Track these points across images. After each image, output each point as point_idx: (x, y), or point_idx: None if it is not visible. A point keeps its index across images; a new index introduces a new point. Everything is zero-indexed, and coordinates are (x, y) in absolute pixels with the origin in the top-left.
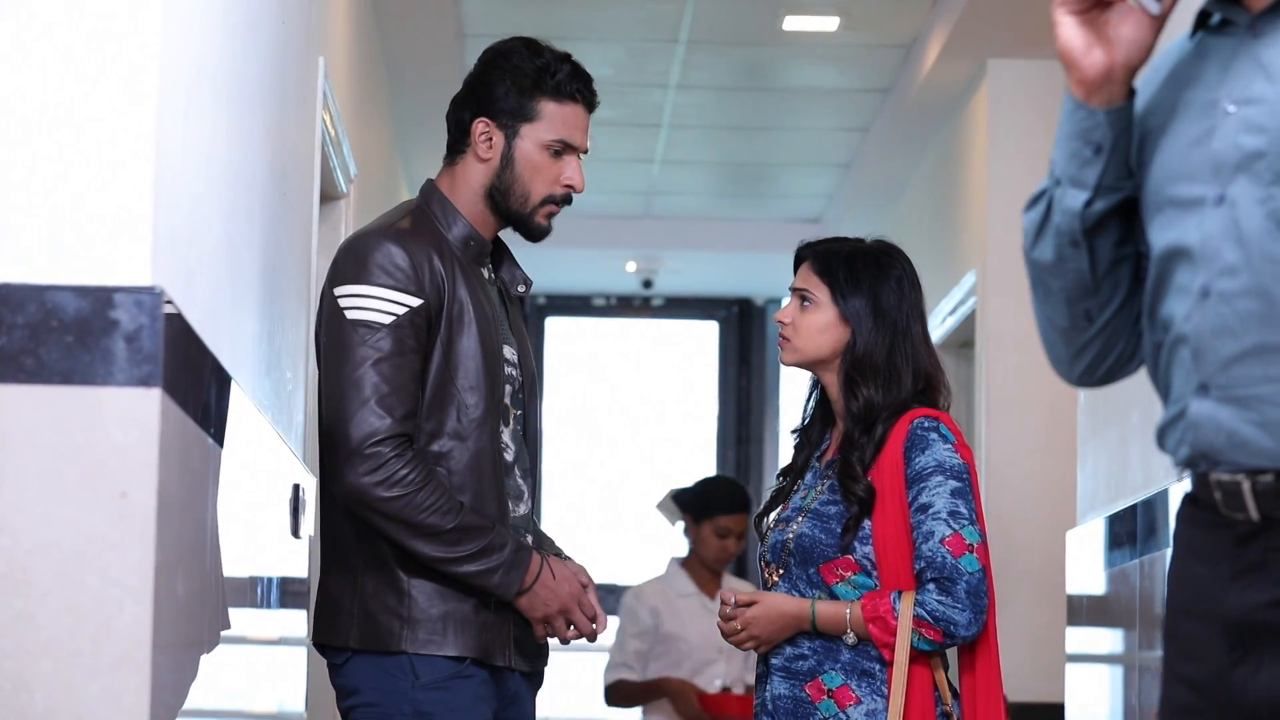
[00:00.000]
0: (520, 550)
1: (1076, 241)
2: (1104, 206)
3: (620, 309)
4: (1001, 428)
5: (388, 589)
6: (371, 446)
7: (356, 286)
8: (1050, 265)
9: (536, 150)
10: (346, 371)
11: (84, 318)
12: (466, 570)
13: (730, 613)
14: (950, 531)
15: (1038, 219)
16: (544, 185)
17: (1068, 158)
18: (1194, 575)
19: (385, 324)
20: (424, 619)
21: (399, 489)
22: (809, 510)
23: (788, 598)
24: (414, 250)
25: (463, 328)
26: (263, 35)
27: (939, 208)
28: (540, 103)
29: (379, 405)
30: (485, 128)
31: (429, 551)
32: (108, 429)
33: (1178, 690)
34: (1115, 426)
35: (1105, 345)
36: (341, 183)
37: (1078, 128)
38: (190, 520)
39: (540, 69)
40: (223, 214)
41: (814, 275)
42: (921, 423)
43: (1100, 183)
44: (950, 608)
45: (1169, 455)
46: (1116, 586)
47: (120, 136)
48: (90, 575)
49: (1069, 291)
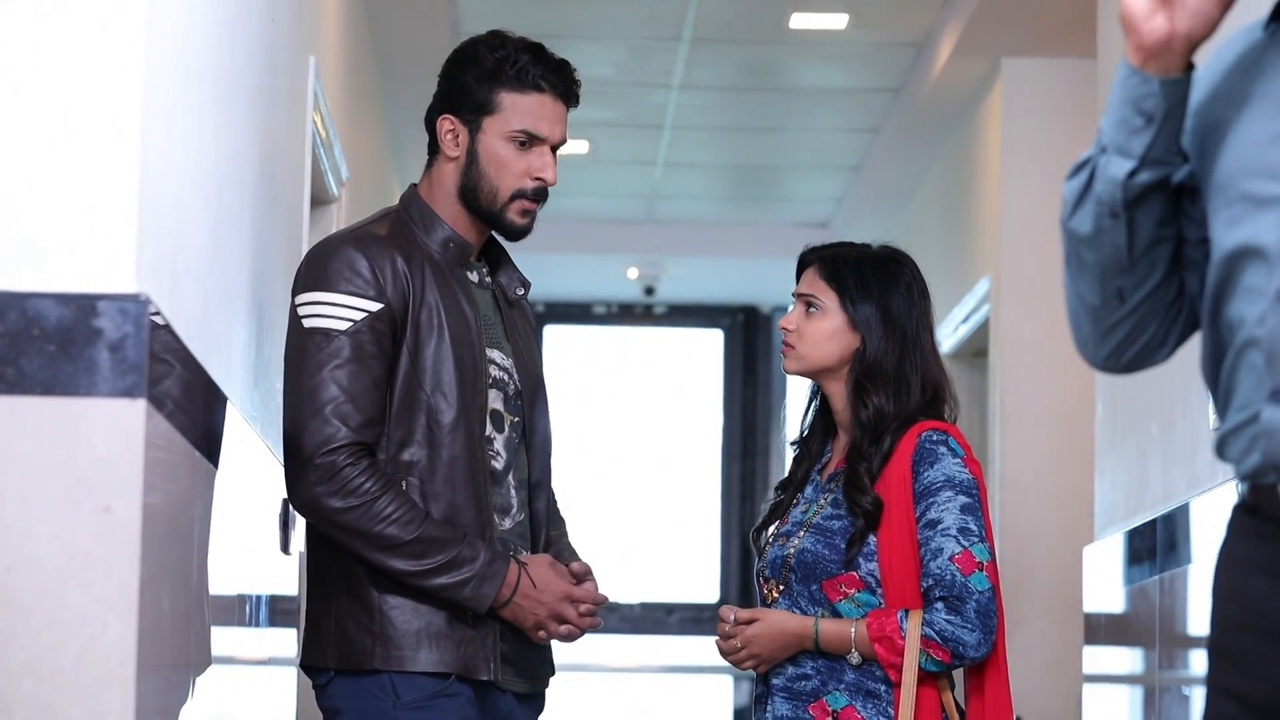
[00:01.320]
0: (494, 561)
1: (1116, 213)
2: (1149, 179)
3: (621, 317)
4: (1016, 440)
5: (360, 606)
6: (323, 456)
7: (313, 293)
8: (1087, 237)
9: (500, 143)
10: (302, 380)
11: (66, 326)
12: (435, 584)
13: (729, 630)
14: (960, 549)
15: (1079, 187)
16: (511, 179)
17: (1116, 125)
18: (1253, 589)
19: (342, 330)
20: (397, 635)
21: (354, 499)
22: (811, 525)
23: (789, 615)
24: (375, 254)
25: (432, 332)
26: (251, 33)
27: (951, 212)
28: (500, 94)
29: (333, 414)
30: (450, 125)
31: (394, 565)
32: (91, 441)
33: (1229, 707)
34: (1134, 438)
35: (1135, 328)
36: (333, 186)
37: (1130, 94)
38: (176, 536)
39: (499, 60)
40: (210, 219)
41: (821, 280)
42: (930, 435)
43: (1148, 154)
44: (959, 627)
45: (1230, 464)
46: (1136, 604)
47: (104, 138)
48: (73, 593)
49: (1103, 266)
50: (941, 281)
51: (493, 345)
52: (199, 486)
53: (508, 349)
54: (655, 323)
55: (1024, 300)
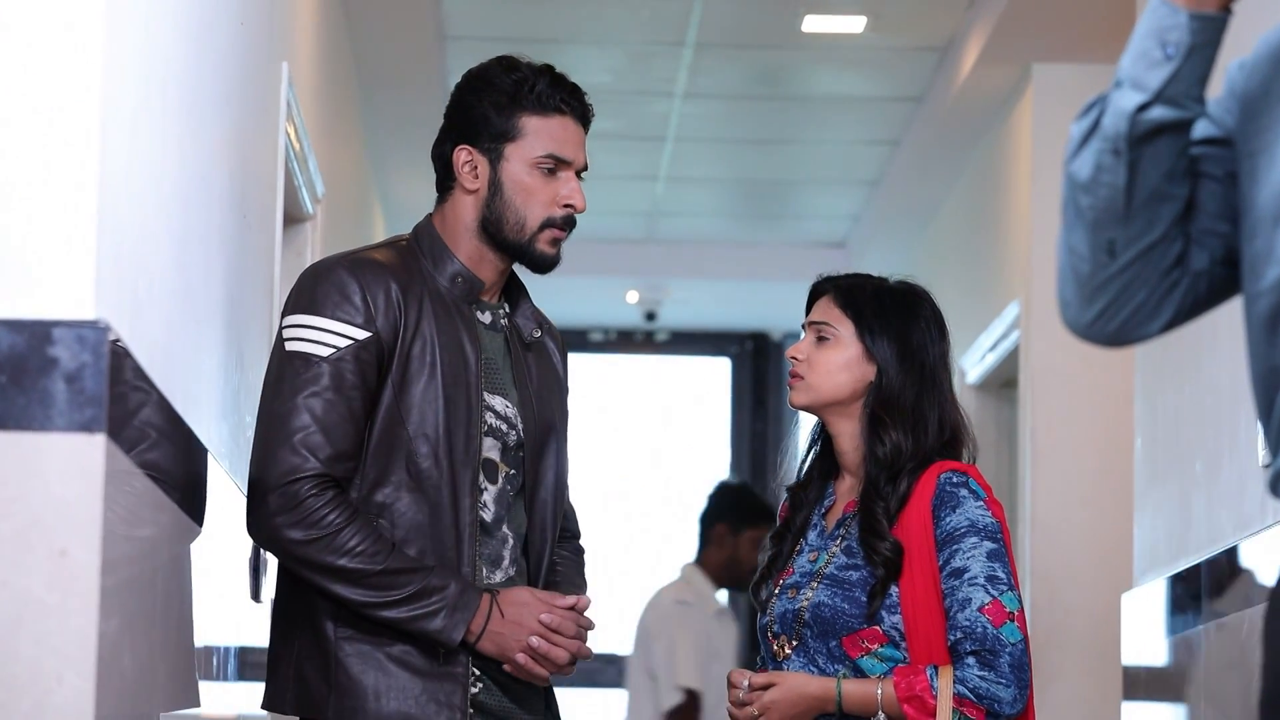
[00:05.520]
0: (466, 592)
1: (1119, 150)
2: (1161, 116)
3: (620, 344)
4: (1048, 477)
5: (318, 650)
6: (287, 486)
7: (301, 316)
8: (1085, 182)
9: (525, 170)
10: (275, 406)
11: (19, 355)
12: (401, 615)
13: (744, 697)
14: (989, 599)
15: (1086, 126)
16: (540, 208)
17: (1135, 57)
18: None
19: (323, 356)
20: (351, 685)
21: (315, 530)
22: (824, 576)
23: (809, 677)
24: (368, 280)
25: (423, 368)
26: (219, 38)
27: (978, 230)
28: (522, 119)
29: (301, 444)
30: (468, 156)
31: (357, 598)
32: (46, 479)
33: None
34: (1176, 476)
35: (1123, 291)
36: (308, 203)
37: (1155, 25)
38: (138, 582)
39: (517, 83)
40: (175, 239)
41: (836, 309)
42: (950, 478)
43: (1163, 90)
44: (994, 684)
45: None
46: (1179, 656)
47: (59, 151)
48: (25, 644)
49: (1097, 212)
50: (967, 306)
51: (495, 391)
52: (163, 529)
53: (514, 396)
54: (657, 351)
55: (1056, 326)
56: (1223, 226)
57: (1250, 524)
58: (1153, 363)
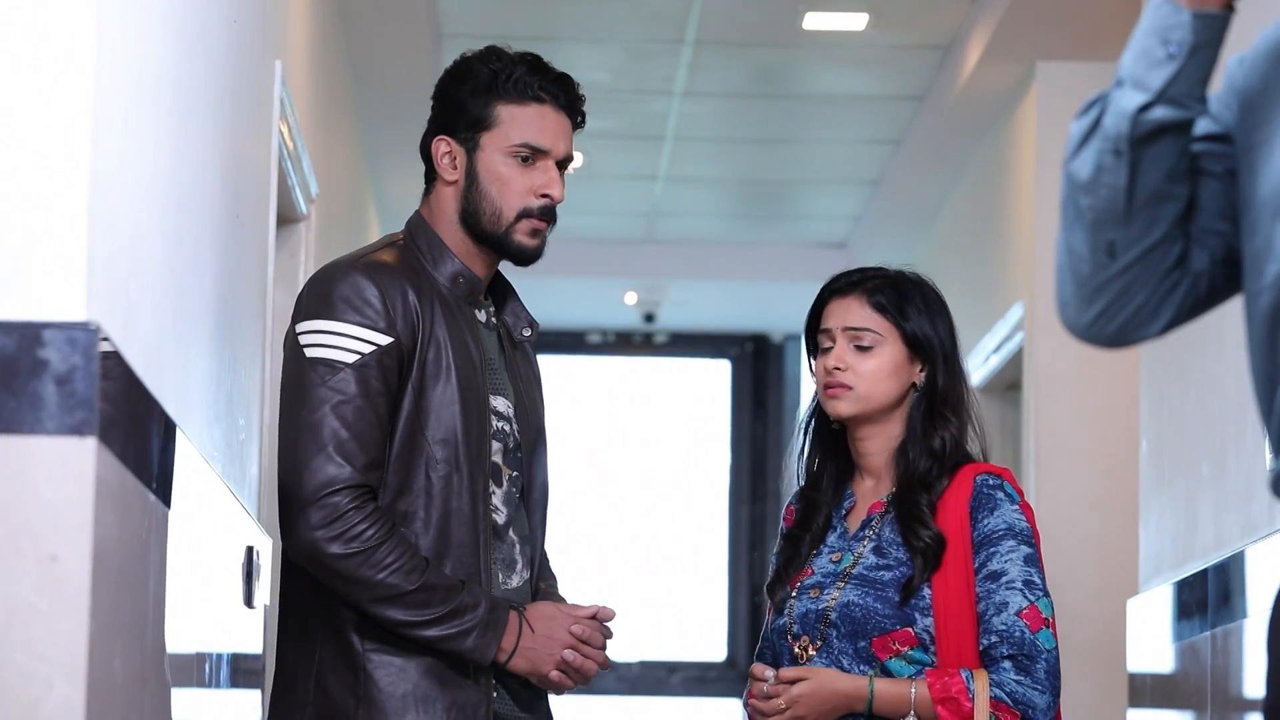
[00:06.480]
0: (496, 610)
1: (1120, 151)
2: (1162, 117)
3: (619, 346)
4: (1052, 481)
5: (344, 662)
6: (327, 497)
7: (318, 322)
8: (1085, 182)
9: (500, 160)
10: (303, 415)
11: (9, 357)
12: (435, 634)
13: (770, 690)
14: (1026, 603)
15: (1087, 125)
16: (516, 198)
17: (1137, 56)
18: None
19: (348, 363)
20: (381, 698)
21: (356, 544)
22: (851, 575)
23: (840, 674)
24: (386, 284)
25: (439, 372)
26: (211, 36)
27: (981, 231)
28: (497, 107)
29: (337, 452)
30: (447, 146)
31: (392, 615)
32: (35, 484)
33: None
34: (1183, 479)
35: (1123, 292)
36: (301, 203)
37: (1157, 24)
38: (129, 588)
39: (494, 72)
40: (167, 240)
41: (873, 312)
42: (986, 479)
43: (1165, 89)
44: (1030, 689)
45: None
46: (1185, 663)
47: (50, 151)
48: (15, 650)
49: (1097, 213)
50: (971, 307)
51: (496, 391)
52: (154, 533)
53: (511, 395)
54: (656, 353)
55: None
56: (1223, 225)
57: (1257, 529)
58: (1158, 365)
